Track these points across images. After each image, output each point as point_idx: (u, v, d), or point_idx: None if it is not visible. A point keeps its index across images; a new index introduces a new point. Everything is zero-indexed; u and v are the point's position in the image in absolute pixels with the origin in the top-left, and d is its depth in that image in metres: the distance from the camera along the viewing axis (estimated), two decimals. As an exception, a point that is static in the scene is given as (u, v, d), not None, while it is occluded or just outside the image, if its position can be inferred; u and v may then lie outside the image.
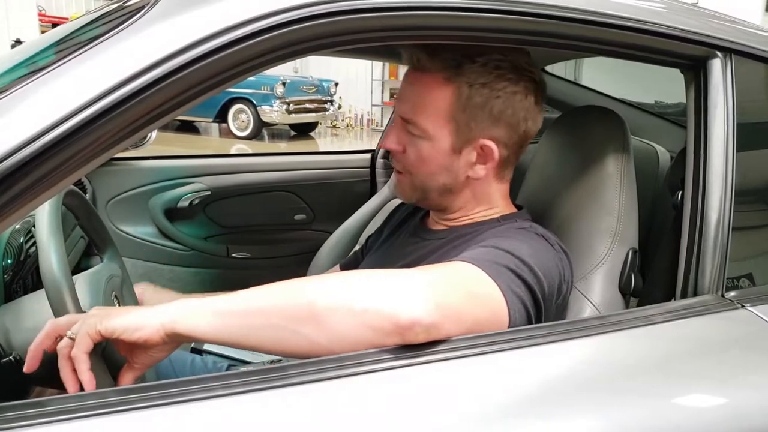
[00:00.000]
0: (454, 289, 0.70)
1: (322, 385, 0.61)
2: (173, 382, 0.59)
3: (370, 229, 1.67)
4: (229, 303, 0.67)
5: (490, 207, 0.95)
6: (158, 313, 0.66)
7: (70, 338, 0.66)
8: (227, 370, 1.23)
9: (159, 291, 1.15)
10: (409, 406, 0.62)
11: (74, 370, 0.65)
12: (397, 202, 1.64)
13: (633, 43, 0.82)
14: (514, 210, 0.97)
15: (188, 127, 9.91)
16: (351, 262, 1.25)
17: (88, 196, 1.72)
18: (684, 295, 0.86)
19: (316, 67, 10.74)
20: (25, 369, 0.68)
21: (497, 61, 0.87)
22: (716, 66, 0.87)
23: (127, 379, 0.69)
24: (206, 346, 1.34)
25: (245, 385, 0.59)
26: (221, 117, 9.17)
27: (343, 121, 11.93)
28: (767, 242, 1.00)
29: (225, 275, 1.94)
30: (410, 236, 1.03)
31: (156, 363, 0.70)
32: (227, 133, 9.38)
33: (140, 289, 1.12)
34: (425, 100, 0.88)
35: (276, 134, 10.26)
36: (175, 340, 0.67)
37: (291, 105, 9.13)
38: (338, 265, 1.29)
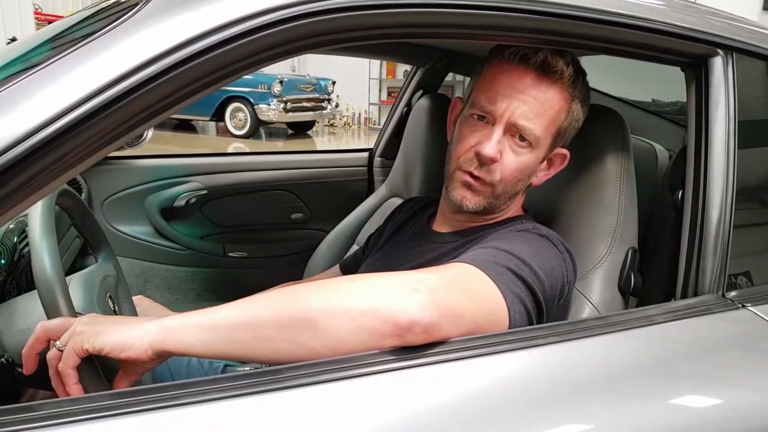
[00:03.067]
0: (452, 290, 0.69)
1: (320, 388, 0.60)
2: (167, 385, 0.58)
3: (368, 228, 1.66)
4: (220, 317, 0.65)
5: (514, 211, 0.96)
6: (147, 333, 0.64)
7: (58, 350, 0.65)
8: (223, 370, 1.22)
9: (152, 305, 1.13)
10: (408, 408, 0.61)
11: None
12: (396, 201, 1.64)
13: (633, 41, 0.82)
14: (521, 213, 0.97)
15: (185, 126, 9.89)
16: (351, 261, 1.24)
17: (83, 196, 1.71)
18: (684, 295, 0.85)
19: (314, 65, 10.73)
20: (25, 371, 0.68)
21: (585, 76, 0.90)
22: (717, 64, 0.87)
23: (121, 386, 0.68)
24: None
25: (241, 388, 0.58)
26: (218, 115, 9.16)
27: (340, 119, 11.93)
28: (768, 242, 1.00)
29: (222, 274, 1.94)
30: (416, 238, 1.02)
31: (150, 370, 0.69)
32: (224, 132, 9.37)
33: (136, 300, 1.11)
34: (549, 110, 0.86)
35: (273, 133, 10.24)
36: (165, 357, 0.65)
37: (288, 103, 9.12)
38: (337, 266, 1.28)
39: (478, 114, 0.88)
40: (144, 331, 0.64)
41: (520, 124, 0.85)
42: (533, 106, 0.85)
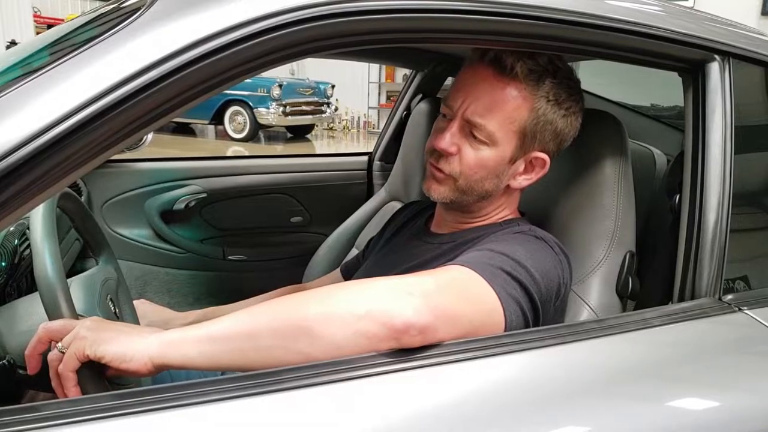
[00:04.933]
0: (448, 292, 0.69)
1: (317, 390, 0.60)
2: (167, 386, 0.58)
3: (367, 231, 1.66)
4: (218, 328, 0.66)
5: (506, 213, 0.96)
6: (148, 347, 0.65)
7: (60, 351, 0.66)
8: (223, 373, 1.22)
9: (155, 308, 1.14)
10: (404, 410, 0.61)
11: None
12: (395, 205, 1.65)
13: (631, 46, 0.82)
14: (518, 215, 0.98)
15: (184, 129, 9.89)
16: (352, 265, 1.25)
17: (83, 199, 1.71)
18: (681, 299, 0.86)
19: (313, 69, 10.73)
20: (29, 371, 0.69)
21: (568, 79, 0.89)
22: (714, 69, 0.87)
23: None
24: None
25: (240, 390, 0.59)
26: (217, 119, 9.15)
27: (339, 123, 11.93)
28: (765, 245, 1.00)
29: (221, 278, 1.94)
30: (414, 239, 1.03)
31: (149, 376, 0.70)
32: (223, 135, 9.36)
33: (137, 303, 1.11)
34: (503, 106, 0.86)
35: (272, 136, 10.24)
36: (164, 369, 0.66)
37: (287, 107, 9.11)
38: (338, 269, 1.29)
39: (443, 112, 0.91)
40: (145, 344, 0.65)
41: (472, 120, 0.86)
42: (486, 101, 0.86)
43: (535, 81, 0.86)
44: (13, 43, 6.75)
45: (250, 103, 8.93)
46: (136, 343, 0.65)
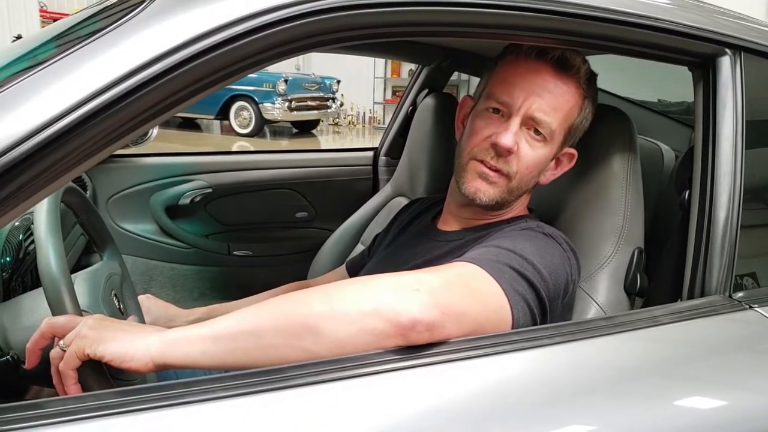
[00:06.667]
0: (454, 289, 0.69)
1: (323, 387, 0.60)
2: (172, 384, 0.58)
3: (373, 227, 1.66)
4: (221, 327, 0.65)
5: (517, 210, 0.96)
6: (149, 346, 0.64)
7: (61, 349, 0.66)
8: (227, 370, 1.22)
9: (159, 304, 1.14)
10: (411, 408, 0.61)
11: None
12: (401, 201, 1.64)
13: (641, 41, 0.81)
14: (526, 212, 0.97)
15: (190, 125, 9.91)
16: (357, 261, 1.24)
17: (88, 194, 1.71)
18: (691, 296, 0.85)
19: (319, 64, 10.73)
20: (27, 365, 0.69)
21: (596, 77, 0.92)
22: (725, 63, 0.86)
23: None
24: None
25: (245, 387, 0.58)
26: (223, 114, 9.17)
27: (345, 118, 11.92)
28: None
29: (226, 273, 1.94)
30: (420, 237, 1.02)
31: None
32: (229, 130, 9.38)
33: (141, 299, 1.11)
34: (564, 105, 0.87)
35: (278, 131, 10.25)
36: (166, 369, 0.66)
37: (293, 102, 9.11)
38: (344, 265, 1.28)
39: (493, 107, 0.89)
40: (146, 343, 0.64)
41: (537, 117, 0.86)
42: (550, 99, 0.86)
43: (589, 81, 0.89)
44: (19, 38, 6.77)
45: (256, 98, 8.93)
46: (137, 343, 0.65)
